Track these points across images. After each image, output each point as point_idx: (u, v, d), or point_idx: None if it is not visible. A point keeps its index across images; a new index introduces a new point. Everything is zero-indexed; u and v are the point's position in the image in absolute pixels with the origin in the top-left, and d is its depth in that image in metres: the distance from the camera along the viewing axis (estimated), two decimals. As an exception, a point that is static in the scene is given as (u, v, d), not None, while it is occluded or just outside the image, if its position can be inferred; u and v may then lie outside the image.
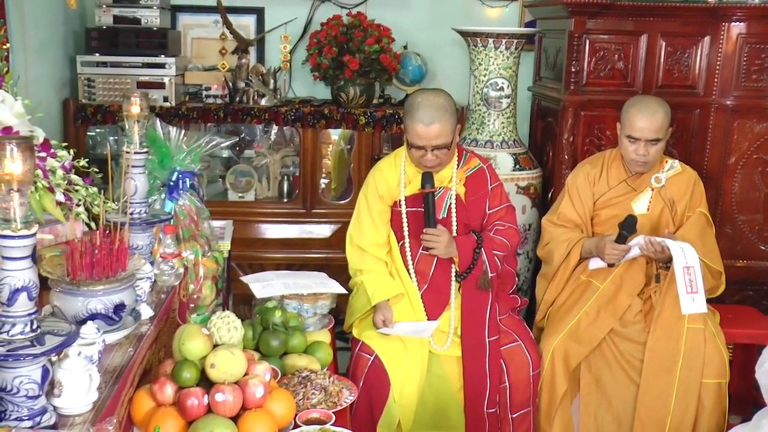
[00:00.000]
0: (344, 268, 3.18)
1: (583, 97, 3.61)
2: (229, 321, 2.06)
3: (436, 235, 2.88)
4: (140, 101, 2.38)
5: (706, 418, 3.00)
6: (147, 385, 2.02)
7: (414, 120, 2.84)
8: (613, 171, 3.27)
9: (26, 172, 1.43)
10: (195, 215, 2.81)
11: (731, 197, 3.73)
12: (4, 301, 1.45)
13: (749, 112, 3.67)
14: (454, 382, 2.93)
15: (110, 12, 4.09)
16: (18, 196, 1.43)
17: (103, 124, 4.17)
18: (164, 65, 4.10)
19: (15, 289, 1.44)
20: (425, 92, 2.97)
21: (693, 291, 2.92)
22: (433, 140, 2.83)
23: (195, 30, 4.59)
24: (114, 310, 1.87)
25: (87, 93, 4.08)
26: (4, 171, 1.41)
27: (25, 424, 1.47)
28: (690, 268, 2.94)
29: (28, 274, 1.46)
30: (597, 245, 3.12)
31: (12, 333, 1.45)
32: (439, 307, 2.96)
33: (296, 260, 4.23)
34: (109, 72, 4.08)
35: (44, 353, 1.45)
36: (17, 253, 1.44)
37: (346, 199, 4.35)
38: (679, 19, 3.59)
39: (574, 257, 3.19)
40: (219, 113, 4.18)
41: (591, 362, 3.05)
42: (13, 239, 1.42)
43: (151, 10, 4.11)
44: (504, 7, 4.65)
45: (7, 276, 1.44)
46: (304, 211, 4.32)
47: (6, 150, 1.40)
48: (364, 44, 4.12)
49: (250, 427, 1.91)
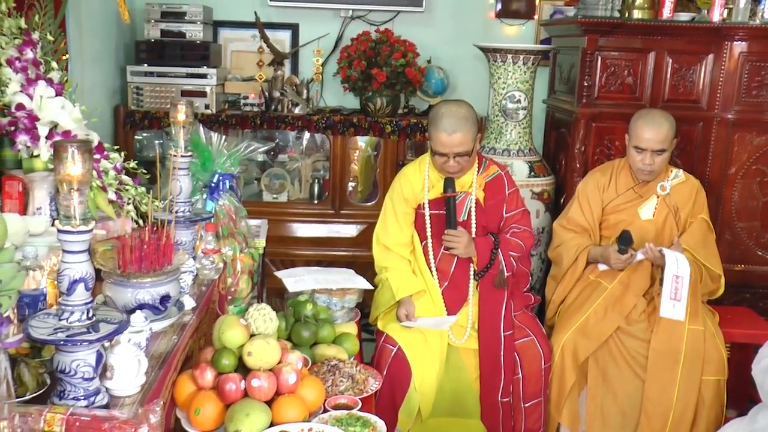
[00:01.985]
0: (369, 265, 3.18)
1: (595, 110, 3.58)
2: (265, 313, 2.07)
3: (457, 236, 2.87)
4: (186, 109, 2.39)
5: (706, 412, 2.98)
6: (189, 371, 2.03)
7: (438, 129, 2.84)
8: (622, 179, 3.26)
9: (85, 173, 1.44)
10: (233, 214, 2.82)
11: (731, 205, 3.69)
12: (64, 290, 1.47)
13: (749, 126, 3.63)
14: (470, 373, 2.92)
15: (158, 26, 4.12)
16: (77, 195, 1.44)
17: (150, 129, 4.20)
18: (206, 75, 4.12)
19: (74, 280, 1.46)
20: (449, 103, 2.96)
21: (676, 299, 2.91)
22: (456, 148, 2.82)
23: (234, 43, 4.61)
24: (160, 301, 1.88)
25: (135, 100, 4.11)
26: (65, 172, 1.42)
27: (81, 403, 1.49)
28: (679, 278, 2.93)
29: (86, 266, 1.47)
30: (603, 254, 3.12)
31: (70, 320, 1.47)
32: (458, 303, 2.96)
33: (325, 257, 4.23)
34: (156, 81, 4.10)
35: (99, 339, 1.46)
36: (76, 247, 1.45)
37: (372, 202, 4.35)
38: (685, 38, 3.55)
39: (581, 262, 3.18)
40: (256, 120, 4.20)
41: (598, 357, 3.03)
42: (72, 234, 1.44)
43: (195, 25, 4.14)
44: (521, 26, 4.63)
45: (67, 268, 1.45)
46: (332, 211, 4.32)
47: (68, 152, 1.42)
48: (391, 58, 4.12)
49: (283, 411, 1.92)
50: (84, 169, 1.44)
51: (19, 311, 1.72)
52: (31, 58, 2.23)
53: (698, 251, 3.10)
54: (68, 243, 1.45)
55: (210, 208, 2.71)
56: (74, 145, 1.43)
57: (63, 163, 1.42)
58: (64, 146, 1.43)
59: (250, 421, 1.83)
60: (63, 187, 1.43)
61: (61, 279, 1.46)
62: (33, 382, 1.52)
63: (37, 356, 1.64)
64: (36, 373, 1.54)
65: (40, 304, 1.76)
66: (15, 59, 2.18)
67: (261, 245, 3.03)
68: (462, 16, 4.61)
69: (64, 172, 1.42)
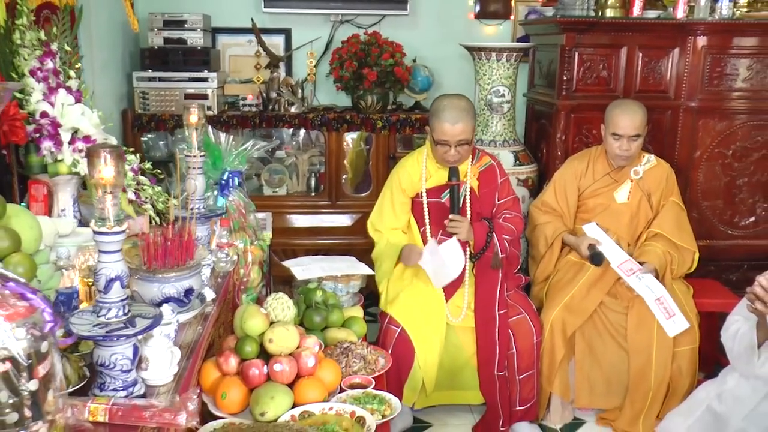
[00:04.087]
0: (364, 252, 3.17)
1: (574, 102, 3.57)
2: (283, 302, 2.05)
3: (460, 221, 2.85)
4: (198, 111, 2.36)
5: (683, 379, 3.00)
6: (213, 358, 2.01)
7: (441, 120, 2.81)
8: (598, 165, 3.26)
9: (117, 176, 1.40)
10: (243, 209, 2.77)
11: (697, 186, 3.70)
12: (101, 288, 1.43)
13: (711, 113, 3.63)
14: (467, 349, 2.91)
15: (161, 34, 4.04)
16: (111, 198, 1.40)
17: (156, 131, 4.13)
18: (207, 79, 4.06)
19: (110, 278, 1.42)
20: (450, 97, 2.92)
21: (671, 315, 2.92)
22: (458, 137, 2.80)
23: (232, 48, 4.54)
24: (185, 294, 1.85)
25: (142, 104, 4.04)
26: (99, 176, 1.38)
27: (121, 394, 1.45)
28: (660, 298, 2.95)
29: (121, 265, 1.43)
30: (575, 245, 3.16)
31: (108, 316, 1.43)
32: (455, 285, 2.93)
33: (322, 246, 4.20)
34: (161, 86, 4.03)
35: (136, 333, 1.43)
36: (111, 247, 1.41)
37: (366, 192, 4.31)
38: (654, 33, 3.54)
39: (556, 247, 3.23)
40: (255, 120, 4.14)
41: (584, 331, 3.03)
42: (107, 235, 1.40)
43: (195, 32, 4.07)
44: (499, 25, 4.60)
45: (104, 267, 1.41)
46: (329, 203, 4.28)
47: (101, 157, 1.38)
48: (380, 59, 4.08)
49: (304, 392, 1.90)
50: (116, 172, 1.40)
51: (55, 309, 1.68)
52: (51, 68, 2.18)
53: (674, 234, 3.12)
54: (104, 243, 1.41)
55: (221, 204, 2.67)
56: (107, 149, 1.39)
57: (96, 167, 1.38)
58: (97, 151, 1.38)
59: (276, 404, 1.81)
60: (98, 191, 1.39)
61: (98, 278, 1.42)
62: (75, 376, 1.48)
63: (75, 351, 1.60)
64: (77, 366, 1.50)
65: (74, 301, 1.71)
66: (37, 69, 2.14)
67: (268, 237, 2.99)
68: (444, 18, 4.57)
69: (98, 176, 1.38)
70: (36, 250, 1.59)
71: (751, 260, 3.79)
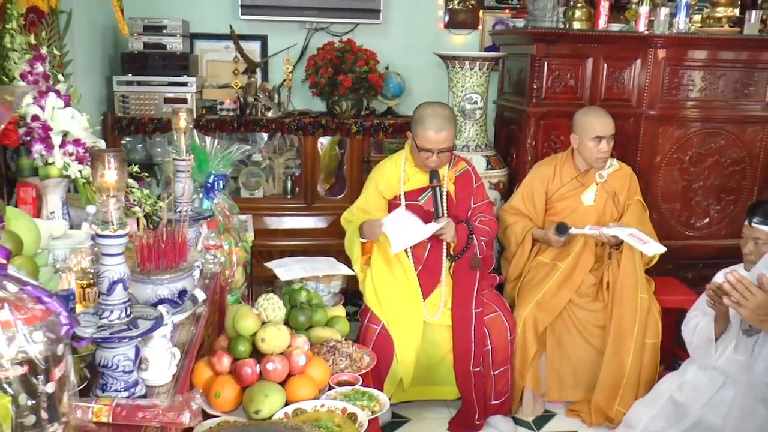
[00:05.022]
0: (338, 253, 3.16)
1: (543, 109, 3.61)
2: (274, 302, 2.03)
3: (446, 223, 2.85)
4: (186, 116, 2.31)
5: (645, 371, 3.06)
6: (204, 358, 1.98)
7: (426, 128, 2.81)
8: (565, 170, 3.30)
9: (120, 180, 1.37)
10: (228, 211, 2.74)
11: (657, 189, 3.78)
12: (104, 291, 1.39)
13: (670, 121, 3.72)
14: (443, 346, 2.92)
15: (141, 39, 3.97)
16: (114, 201, 1.37)
17: (136, 134, 4.06)
18: (186, 84, 4.00)
19: (113, 281, 1.39)
20: (433, 105, 2.92)
21: (645, 242, 2.96)
22: (441, 144, 2.81)
23: (209, 54, 4.49)
24: (178, 295, 1.82)
25: (122, 107, 3.96)
26: (103, 179, 1.35)
27: (123, 394, 1.42)
28: (632, 233, 2.99)
29: (123, 268, 1.40)
30: (544, 237, 3.20)
31: (111, 318, 1.40)
32: (432, 285, 2.95)
33: (298, 247, 4.17)
34: (140, 90, 3.96)
35: (140, 335, 1.40)
36: (114, 250, 1.38)
37: (340, 195, 4.30)
38: (617, 45, 3.61)
39: (528, 242, 3.26)
40: (233, 124, 4.10)
41: (555, 327, 3.08)
42: (111, 238, 1.36)
43: (174, 37, 4.01)
44: (467, 35, 4.63)
45: (107, 270, 1.38)
46: (305, 205, 4.25)
47: (104, 161, 1.35)
48: (355, 66, 4.07)
49: (296, 390, 1.89)
50: (119, 176, 1.37)
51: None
52: (41, 71, 2.13)
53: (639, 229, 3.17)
54: (106, 246, 1.37)
55: (206, 207, 2.63)
56: (110, 154, 1.36)
57: (100, 171, 1.35)
58: (101, 156, 1.35)
59: (270, 402, 1.80)
60: (101, 195, 1.36)
61: (101, 280, 1.39)
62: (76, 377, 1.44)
63: (74, 352, 1.56)
64: (78, 368, 1.47)
65: (70, 303, 1.67)
66: (27, 73, 2.08)
67: (250, 239, 2.96)
68: (415, 27, 4.58)
69: (101, 179, 1.35)
70: (35, 253, 1.55)
71: (705, 259, 3.89)
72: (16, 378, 0.97)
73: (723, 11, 3.76)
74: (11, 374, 0.97)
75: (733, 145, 3.79)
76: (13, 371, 0.97)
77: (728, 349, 2.37)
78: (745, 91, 3.74)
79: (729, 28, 3.73)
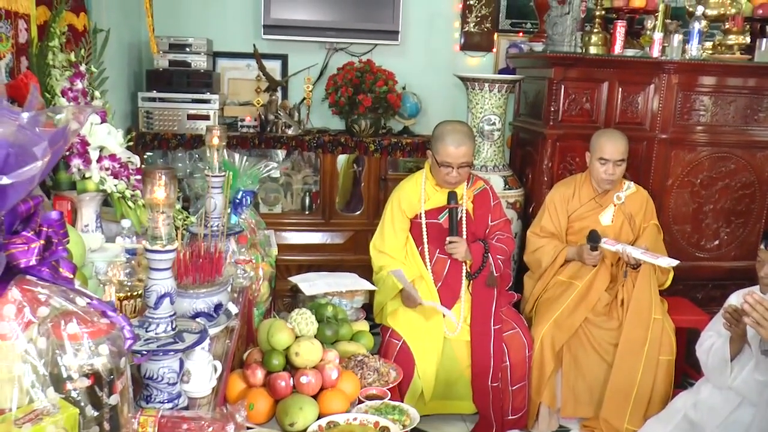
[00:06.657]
0: (355, 268, 3.14)
1: (560, 131, 3.62)
2: (307, 317, 2.03)
3: (458, 242, 2.87)
4: (220, 133, 2.32)
5: (658, 388, 3.04)
6: (238, 370, 1.98)
7: (446, 143, 2.84)
8: (584, 191, 3.30)
9: (169, 196, 1.38)
10: (255, 227, 2.75)
11: (669, 211, 3.78)
12: (151, 305, 1.40)
13: (682, 144, 3.72)
14: (461, 362, 2.91)
15: (166, 57, 4.00)
16: (164, 217, 1.37)
17: (159, 149, 4.07)
18: (209, 101, 4.02)
19: (161, 295, 1.39)
20: (452, 122, 2.97)
21: (657, 257, 2.98)
22: (461, 159, 2.83)
23: (230, 72, 4.51)
24: (214, 309, 1.82)
25: (146, 123, 3.98)
26: (153, 196, 1.36)
27: (167, 406, 1.43)
28: (645, 251, 2.99)
29: (170, 282, 1.41)
30: (578, 252, 3.16)
31: (157, 331, 1.40)
32: (452, 301, 2.95)
33: (315, 262, 4.15)
34: (164, 106, 3.98)
35: (186, 348, 1.40)
36: (162, 264, 1.39)
37: (357, 212, 4.30)
38: (632, 70, 3.62)
39: (559, 261, 3.22)
40: (254, 140, 4.11)
41: (570, 345, 3.06)
42: (160, 253, 1.37)
43: (199, 55, 4.04)
44: (482, 57, 4.66)
45: (155, 284, 1.39)
46: (323, 221, 4.25)
47: (156, 178, 1.36)
48: (374, 86, 4.09)
49: (329, 403, 1.88)
50: (168, 192, 1.37)
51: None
52: (80, 88, 2.14)
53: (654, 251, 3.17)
54: (155, 261, 1.38)
55: (234, 222, 2.63)
56: (161, 171, 1.36)
57: (151, 187, 1.35)
58: (152, 172, 1.36)
59: (304, 414, 1.79)
60: (151, 211, 1.36)
61: (149, 294, 1.40)
62: (122, 389, 1.44)
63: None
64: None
65: (112, 315, 1.67)
66: (68, 89, 2.09)
67: (274, 254, 2.97)
68: (431, 49, 4.61)
69: (152, 195, 1.36)
70: (82, 266, 1.55)
71: (715, 280, 3.89)
72: (83, 390, 0.97)
73: (734, 39, 3.78)
74: (79, 386, 0.97)
75: (743, 169, 3.79)
76: (80, 383, 0.97)
77: (744, 369, 2.36)
78: (755, 117, 3.76)
79: (740, 56, 3.76)
